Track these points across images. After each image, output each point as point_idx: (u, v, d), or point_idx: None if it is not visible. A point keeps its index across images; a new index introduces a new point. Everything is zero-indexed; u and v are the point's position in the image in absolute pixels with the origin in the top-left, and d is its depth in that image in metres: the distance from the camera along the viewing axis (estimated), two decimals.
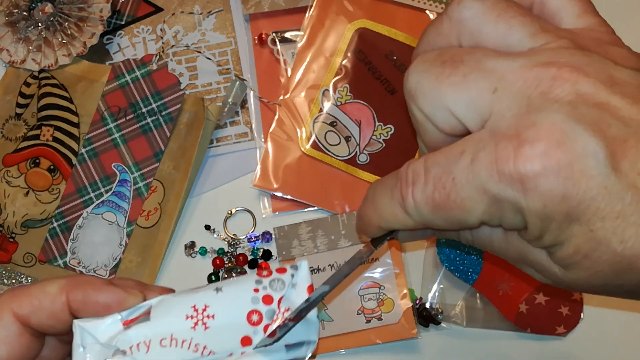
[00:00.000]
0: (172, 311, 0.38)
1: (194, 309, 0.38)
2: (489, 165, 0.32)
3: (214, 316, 0.38)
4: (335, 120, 0.68)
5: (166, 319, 0.38)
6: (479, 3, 0.35)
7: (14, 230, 0.66)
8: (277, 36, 0.70)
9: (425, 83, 0.34)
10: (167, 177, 0.66)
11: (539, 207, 0.31)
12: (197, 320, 0.38)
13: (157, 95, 0.67)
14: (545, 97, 0.31)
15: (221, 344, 0.38)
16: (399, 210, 0.36)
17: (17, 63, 0.68)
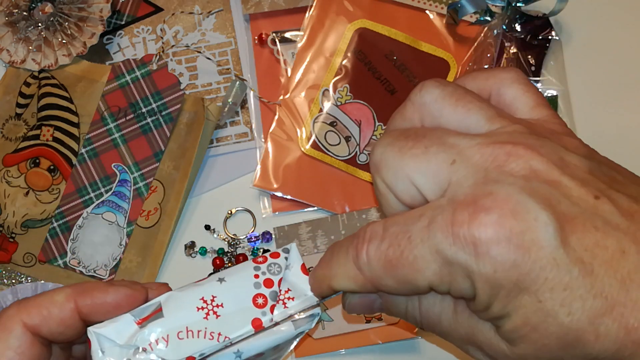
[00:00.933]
0: (183, 305, 0.40)
1: (202, 300, 0.40)
2: (444, 227, 0.33)
3: (222, 305, 0.40)
4: (335, 120, 0.68)
5: (179, 313, 0.40)
6: (438, 89, 0.37)
7: (14, 230, 0.66)
8: (277, 36, 0.70)
9: (389, 154, 0.37)
10: (167, 177, 0.66)
11: (489, 272, 0.32)
12: (208, 311, 0.40)
13: (157, 95, 0.67)
14: (500, 170, 0.33)
15: (234, 328, 0.40)
16: (351, 267, 0.37)
17: (17, 63, 0.68)
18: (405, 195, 0.36)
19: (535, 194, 0.32)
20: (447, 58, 0.69)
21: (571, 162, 0.34)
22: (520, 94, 0.38)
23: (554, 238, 0.31)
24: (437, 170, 0.35)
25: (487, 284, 0.32)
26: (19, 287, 0.63)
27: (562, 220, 0.32)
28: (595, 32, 0.71)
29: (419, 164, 0.35)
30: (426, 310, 0.38)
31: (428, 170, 0.35)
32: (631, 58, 0.71)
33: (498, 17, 0.68)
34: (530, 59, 0.68)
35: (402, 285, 0.35)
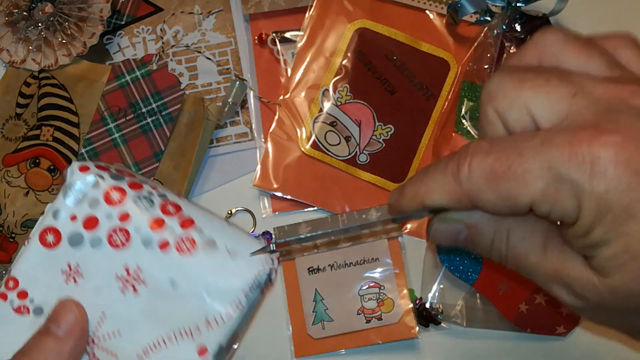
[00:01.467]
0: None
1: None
2: (561, 144, 0.32)
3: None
4: (335, 120, 0.68)
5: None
6: (562, 32, 0.37)
7: (14, 230, 0.66)
8: (277, 36, 0.70)
9: (508, 83, 0.36)
10: (167, 177, 0.66)
11: (601, 192, 0.32)
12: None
13: (157, 95, 0.67)
14: (624, 104, 0.33)
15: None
16: (449, 181, 0.36)
17: (17, 63, 0.68)
18: (517, 124, 0.35)
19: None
20: (447, 58, 0.69)
21: None
22: (637, 57, 0.38)
23: None
24: (557, 100, 0.34)
25: (596, 204, 0.32)
26: None
27: None
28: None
29: (539, 94, 0.35)
30: (514, 244, 0.37)
31: (548, 100, 0.34)
32: None
33: (498, 17, 0.68)
34: None
35: (503, 201, 0.34)
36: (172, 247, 0.42)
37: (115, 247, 0.42)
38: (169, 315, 0.42)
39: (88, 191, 0.42)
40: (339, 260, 0.65)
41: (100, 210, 0.42)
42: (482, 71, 0.68)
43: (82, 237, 0.42)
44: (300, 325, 0.64)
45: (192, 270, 0.42)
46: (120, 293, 0.42)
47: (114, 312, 0.42)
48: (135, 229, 0.42)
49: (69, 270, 0.43)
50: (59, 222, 0.43)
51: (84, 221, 0.42)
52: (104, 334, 0.42)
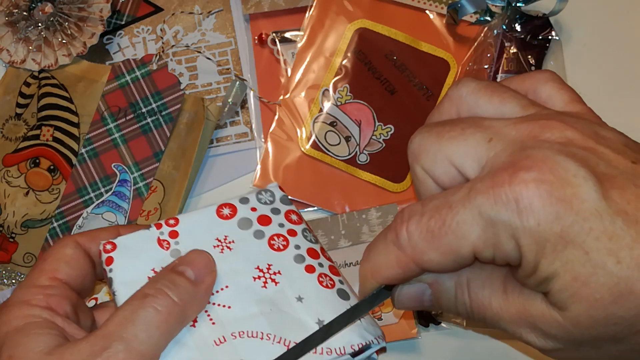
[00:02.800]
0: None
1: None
2: (485, 190, 0.33)
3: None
4: (335, 120, 0.68)
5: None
6: (474, 82, 0.39)
7: (14, 230, 0.66)
8: (277, 36, 0.70)
9: (427, 140, 0.38)
10: (167, 177, 0.66)
11: (533, 226, 0.32)
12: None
13: (157, 95, 0.67)
14: (536, 139, 0.34)
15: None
16: (392, 250, 0.37)
17: (17, 63, 0.68)
18: (444, 177, 0.37)
19: (572, 156, 0.33)
20: (447, 58, 0.69)
21: (606, 136, 0.35)
22: (555, 91, 0.39)
23: (595, 191, 0.32)
24: (474, 148, 0.35)
25: (532, 239, 0.33)
26: None
27: (602, 178, 0.32)
28: (595, 32, 0.71)
29: (457, 145, 0.36)
30: (475, 293, 0.38)
31: (466, 149, 0.36)
32: (631, 58, 0.70)
33: (498, 17, 0.68)
34: (530, 59, 0.68)
35: (447, 257, 0.35)
36: (315, 274, 0.43)
37: (271, 247, 0.44)
38: (279, 320, 0.42)
39: (276, 201, 0.47)
40: (339, 260, 0.65)
41: (277, 218, 0.46)
42: (482, 71, 0.68)
43: (251, 224, 0.45)
44: None
45: (320, 301, 0.43)
46: (251, 280, 0.43)
47: (236, 290, 0.43)
48: (295, 245, 0.44)
49: (223, 242, 0.44)
50: (241, 205, 0.46)
51: (259, 217, 0.45)
52: (216, 301, 0.43)
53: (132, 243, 0.44)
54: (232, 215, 0.46)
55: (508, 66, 0.68)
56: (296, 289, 0.43)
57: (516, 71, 0.68)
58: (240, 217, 0.45)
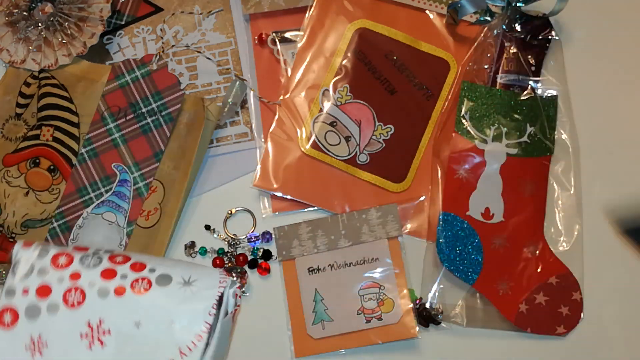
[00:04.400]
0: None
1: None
2: None
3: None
4: (335, 120, 0.68)
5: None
6: None
7: (14, 230, 0.66)
8: (277, 36, 0.70)
9: None
10: (167, 177, 0.66)
11: None
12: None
13: (157, 95, 0.67)
14: None
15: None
16: None
17: (17, 63, 0.68)
18: None
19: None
20: (447, 58, 0.69)
21: None
22: None
23: None
24: None
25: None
26: None
27: None
28: (595, 32, 0.71)
29: None
30: None
31: None
32: (631, 58, 0.71)
33: (498, 17, 0.68)
34: (530, 59, 0.68)
35: None
36: (128, 291, 0.42)
37: (72, 306, 0.43)
38: (143, 357, 0.42)
39: (35, 262, 0.44)
40: (339, 260, 0.65)
41: (50, 277, 0.43)
42: (482, 71, 0.68)
43: (38, 308, 0.43)
44: (300, 325, 0.64)
45: (152, 307, 0.42)
46: (88, 350, 0.42)
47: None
48: (89, 284, 0.43)
49: (32, 345, 0.43)
50: (13, 300, 0.43)
51: (37, 291, 0.43)
52: None
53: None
54: (15, 318, 0.43)
55: (508, 66, 0.68)
56: (127, 320, 0.42)
57: (516, 71, 0.68)
58: (22, 310, 0.44)
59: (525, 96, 0.67)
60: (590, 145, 0.68)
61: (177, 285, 0.42)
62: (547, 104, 0.67)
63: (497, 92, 0.67)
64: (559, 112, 0.68)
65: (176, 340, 0.42)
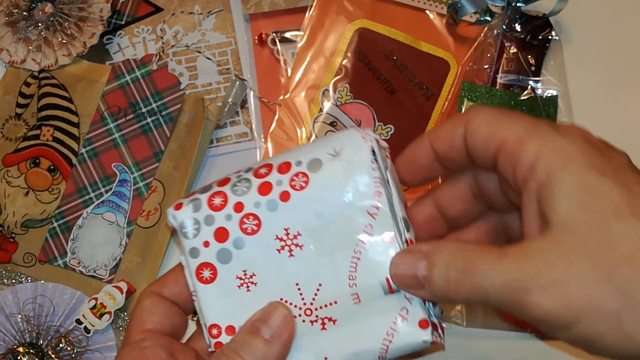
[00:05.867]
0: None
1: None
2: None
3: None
4: (335, 120, 0.68)
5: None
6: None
7: (14, 230, 0.66)
8: (277, 36, 0.70)
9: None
10: (167, 177, 0.66)
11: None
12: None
13: (157, 95, 0.67)
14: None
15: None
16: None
17: (17, 63, 0.68)
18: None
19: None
20: (447, 58, 0.69)
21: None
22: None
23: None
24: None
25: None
26: (19, 287, 0.63)
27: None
28: (595, 32, 0.71)
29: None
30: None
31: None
32: (631, 58, 0.70)
33: (498, 17, 0.68)
34: (530, 59, 0.68)
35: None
36: (292, 192, 0.42)
37: (253, 233, 0.43)
38: (340, 238, 0.42)
39: (196, 216, 0.44)
40: None
41: (218, 220, 0.44)
42: (482, 71, 0.68)
43: (227, 250, 0.44)
44: None
45: (321, 192, 0.42)
46: (291, 259, 0.43)
47: (304, 278, 0.43)
48: (255, 205, 0.43)
49: (242, 281, 0.44)
50: (200, 257, 0.44)
51: (215, 237, 0.44)
52: (311, 299, 0.43)
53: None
54: (214, 271, 0.44)
55: (508, 66, 0.68)
56: (307, 216, 0.42)
57: (516, 71, 0.68)
58: (215, 259, 0.44)
59: (525, 96, 0.67)
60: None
61: (329, 163, 0.42)
62: (547, 104, 0.67)
63: (497, 92, 0.67)
64: (559, 112, 0.68)
65: (360, 207, 0.42)
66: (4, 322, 0.63)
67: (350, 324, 0.43)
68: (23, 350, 0.62)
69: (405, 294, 0.42)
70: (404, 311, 0.42)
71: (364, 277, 0.42)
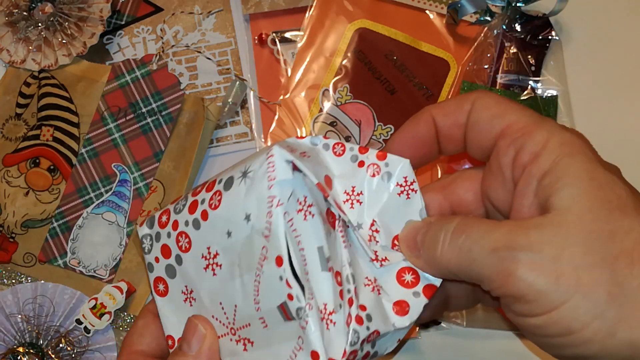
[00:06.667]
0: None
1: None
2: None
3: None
4: (335, 120, 0.68)
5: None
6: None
7: (14, 230, 0.66)
8: (277, 36, 0.70)
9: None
10: (167, 177, 0.66)
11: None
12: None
13: (157, 95, 0.67)
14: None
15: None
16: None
17: (17, 63, 0.68)
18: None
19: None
20: (447, 58, 0.69)
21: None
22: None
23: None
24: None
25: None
26: (19, 287, 0.64)
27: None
28: (595, 32, 0.71)
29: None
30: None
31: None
32: (631, 58, 0.70)
33: (498, 17, 0.68)
34: (530, 59, 0.68)
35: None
36: (209, 212, 0.43)
37: (186, 251, 0.44)
38: (247, 258, 0.42)
39: (150, 233, 0.46)
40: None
41: (163, 237, 0.45)
42: (482, 71, 0.68)
43: (171, 266, 0.45)
44: None
45: (229, 213, 0.42)
46: (214, 277, 0.43)
47: (224, 298, 0.42)
48: (185, 224, 0.44)
49: (185, 295, 0.45)
50: (155, 272, 0.46)
51: (162, 254, 0.45)
52: (232, 319, 0.43)
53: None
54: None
55: (508, 66, 0.68)
56: (220, 236, 0.42)
57: (516, 71, 0.68)
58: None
59: (525, 96, 0.67)
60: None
61: (238, 181, 0.42)
62: (547, 104, 0.67)
63: (497, 92, 0.67)
64: (559, 112, 0.68)
65: (257, 229, 0.40)
66: (4, 322, 0.63)
67: (263, 347, 0.41)
68: (23, 350, 0.62)
69: (300, 322, 0.39)
70: (300, 340, 0.39)
71: (265, 301, 0.40)
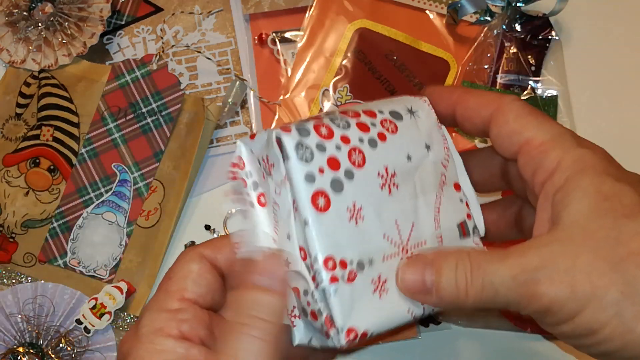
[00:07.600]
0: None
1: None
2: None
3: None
4: None
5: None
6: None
7: (14, 230, 0.66)
8: (277, 36, 0.70)
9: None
10: (167, 177, 0.66)
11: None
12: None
13: (157, 95, 0.67)
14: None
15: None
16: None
17: (17, 63, 0.68)
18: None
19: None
20: (447, 58, 0.69)
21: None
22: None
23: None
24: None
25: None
26: (19, 287, 0.63)
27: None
28: (595, 32, 0.71)
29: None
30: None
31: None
32: (631, 58, 0.71)
33: (498, 17, 0.68)
34: (530, 59, 0.68)
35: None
36: (387, 134, 0.44)
37: (360, 166, 0.42)
38: (426, 182, 0.44)
39: (306, 142, 0.41)
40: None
41: (329, 148, 0.42)
42: (482, 71, 0.68)
43: (339, 180, 0.41)
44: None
45: (408, 139, 0.44)
46: (390, 197, 0.43)
47: (401, 217, 0.43)
48: (359, 140, 0.43)
49: (350, 213, 0.42)
50: (316, 183, 0.41)
51: (329, 165, 0.41)
52: (407, 237, 0.44)
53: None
54: (327, 199, 0.42)
55: (508, 66, 0.68)
56: (401, 158, 0.44)
57: (516, 71, 0.68)
58: (328, 187, 0.42)
59: (526, 96, 0.67)
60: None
61: (407, 116, 0.45)
62: (547, 104, 0.67)
63: (497, 92, 0.67)
64: (559, 112, 0.68)
65: (437, 158, 0.45)
66: (4, 322, 0.63)
67: None
68: (23, 350, 0.62)
69: (474, 238, 0.46)
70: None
71: (445, 220, 0.45)
